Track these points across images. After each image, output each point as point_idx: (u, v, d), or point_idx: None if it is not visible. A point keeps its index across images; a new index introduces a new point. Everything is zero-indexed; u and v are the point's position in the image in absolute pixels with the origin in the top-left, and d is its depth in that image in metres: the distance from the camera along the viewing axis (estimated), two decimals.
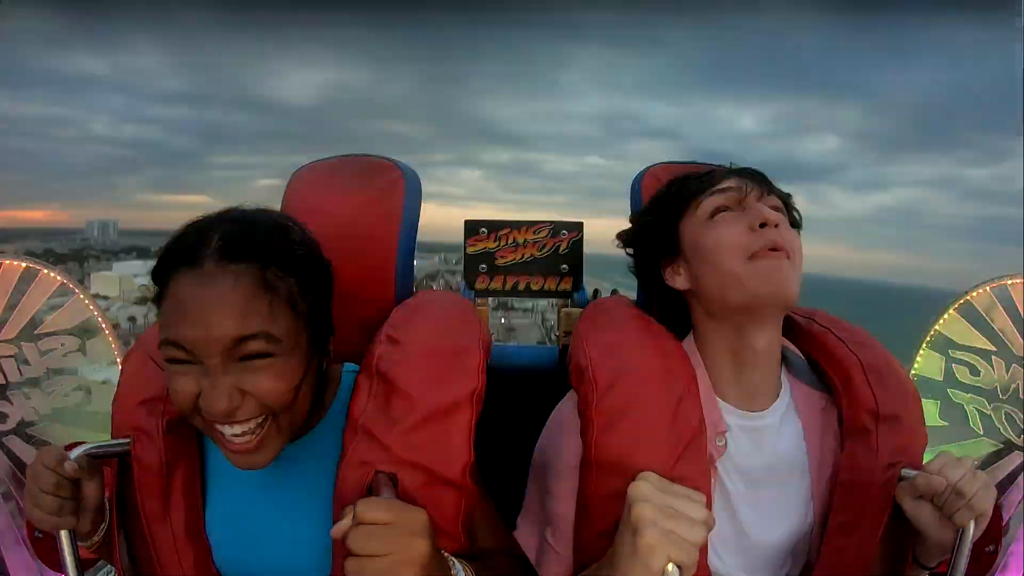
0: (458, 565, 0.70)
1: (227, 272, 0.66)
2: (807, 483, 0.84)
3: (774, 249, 0.77)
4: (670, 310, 0.90)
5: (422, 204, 1.03)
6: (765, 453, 0.83)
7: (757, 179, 0.85)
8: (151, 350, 0.87)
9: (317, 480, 0.78)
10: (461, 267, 1.27)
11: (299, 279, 0.71)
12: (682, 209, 0.86)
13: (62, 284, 1.66)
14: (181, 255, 0.68)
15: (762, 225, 0.78)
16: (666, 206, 0.88)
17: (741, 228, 0.79)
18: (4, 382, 1.59)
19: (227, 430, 0.68)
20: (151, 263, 0.71)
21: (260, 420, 0.69)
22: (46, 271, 1.64)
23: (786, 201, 0.87)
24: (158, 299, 0.70)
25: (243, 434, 0.68)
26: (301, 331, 0.71)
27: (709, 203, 0.83)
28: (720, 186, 0.84)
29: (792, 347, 0.89)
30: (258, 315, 0.66)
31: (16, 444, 1.59)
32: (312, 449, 0.81)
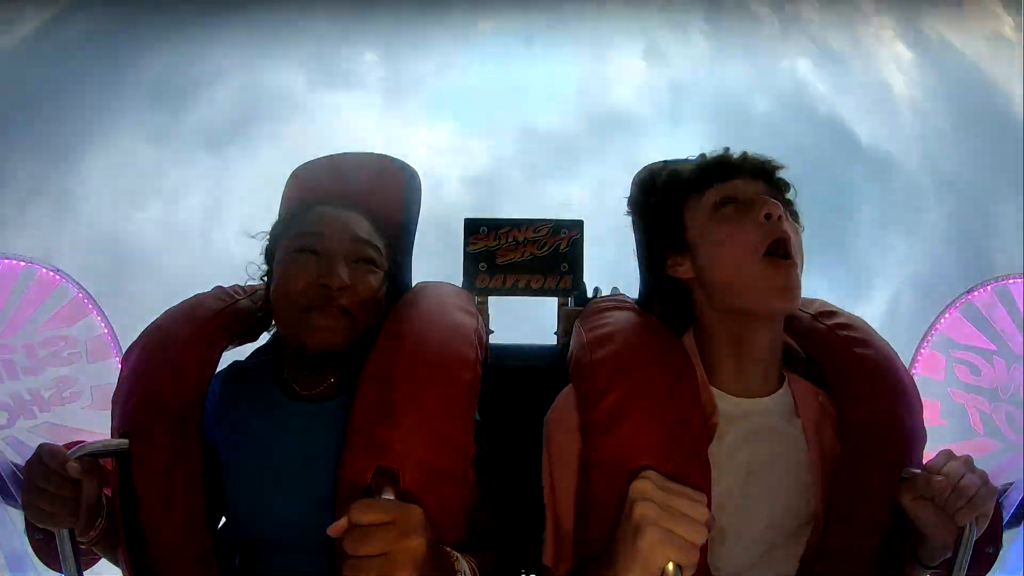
0: (462, 560, 0.71)
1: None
2: (804, 476, 0.82)
3: (785, 255, 0.78)
4: (671, 301, 0.90)
5: None
6: (762, 444, 0.82)
7: (761, 175, 0.85)
8: (150, 347, 0.87)
9: (337, 444, 0.78)
10: None
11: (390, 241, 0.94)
12: (686, 197, 0.86)
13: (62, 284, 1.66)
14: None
15: (767, 216, 0.78)
16: (669, 193, 0.88)
17: (750, 222, 0.79)
18: None
19: (315, 319, 0.82)
20: None
21: (344, 312, 0.83)
22: (45, 270, 1.64)
23: (787, 198, 0.87)
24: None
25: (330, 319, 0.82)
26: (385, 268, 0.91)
27: (714, 192, 0.83)
28: (725, 183, 0.84)
29: (790, 340, 0.88)
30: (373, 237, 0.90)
31: None
32: (337, 411, 0.83)
